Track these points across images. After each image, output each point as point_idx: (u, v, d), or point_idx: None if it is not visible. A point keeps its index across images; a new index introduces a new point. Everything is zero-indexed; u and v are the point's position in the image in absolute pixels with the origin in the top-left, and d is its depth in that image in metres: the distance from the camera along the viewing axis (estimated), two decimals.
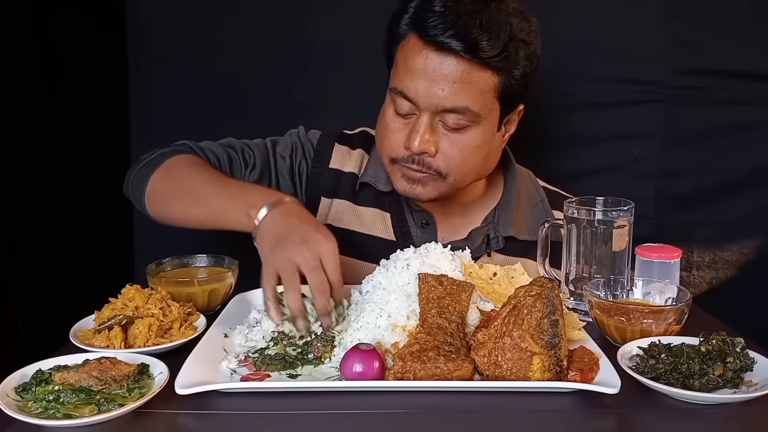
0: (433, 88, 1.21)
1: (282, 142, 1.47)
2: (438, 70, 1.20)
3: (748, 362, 0.93)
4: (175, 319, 1.09)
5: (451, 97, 1.21)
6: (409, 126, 1.27)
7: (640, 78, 1.80)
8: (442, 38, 1.17)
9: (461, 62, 1.19)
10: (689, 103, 1.80)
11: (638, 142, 1.84)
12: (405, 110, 1.26)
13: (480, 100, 1.23)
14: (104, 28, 1.91)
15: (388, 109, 1.30)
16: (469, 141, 1.27)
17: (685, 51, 1.78)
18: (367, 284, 1.12)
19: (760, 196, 1.83)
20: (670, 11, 1.77)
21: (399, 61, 1.26)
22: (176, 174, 1.30)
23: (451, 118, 1.23)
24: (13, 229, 1.67)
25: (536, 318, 0.92)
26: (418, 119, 1.25)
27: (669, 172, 1.84)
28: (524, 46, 1.23)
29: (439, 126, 1.26)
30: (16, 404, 0.85)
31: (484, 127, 1.27)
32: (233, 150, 1.41)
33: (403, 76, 1.24)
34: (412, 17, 1.23)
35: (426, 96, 1.22)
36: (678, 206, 1.85)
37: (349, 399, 0.90)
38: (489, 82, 1.22)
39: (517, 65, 1.23)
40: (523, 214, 1.45)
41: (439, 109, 1.23)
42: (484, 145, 1.29)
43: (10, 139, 1.67)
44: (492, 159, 1.37)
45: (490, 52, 1.18)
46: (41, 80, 1.78)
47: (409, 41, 1.24)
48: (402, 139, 1.28)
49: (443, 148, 1.26)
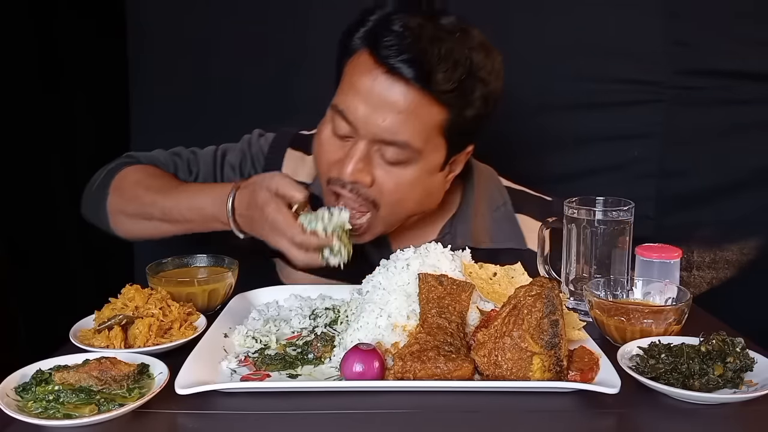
0: (375, 115, 1.11)
1: (233, 150, 1.40)
2: (384, 95, 1.10)
3: (748, 362, 0.93)
4: (175, 319, 1.09)
5: (393, 128, 1.11)
6: (344, 149, 1.17)
7: (640, 78, 1.81)
8: (394, 61, 1.08)
9: (410, 91, 1.10)
10: (689, 103, 1.80)
11: (638, 142, 1.84)
12: (343, 132, 1.17)
13: (423, 136, 1.13)
14: (104, 28, 1.92)
15: (326, 128, 1.20)
16: (406, 177, 1.17)
17: (685, 51, 1.78)
18: (367, 284, 1.12)
19: (761, 196, 1.83)
20: (670, 11, 1.77)
21: (345, 77, 1.17)
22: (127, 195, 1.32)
23: (390, 151, 1.14)
24: (13, 229, 1.67)
25: (536, 318, 0.92)
26: (355, 145, 1.15)
27: (669, 172, 1.84)
28: (482, 85, 1.14)
29: (376, 156, 1.16)
30: (16, 404, 0.85)
31: (425, 166, 1.17)
32: (179, 158, 1.40)
33: (346, 95, 1.15)
34: (368, 32, 1.14)
35: (366, 122, 1.12)
36: (678, 206, 1.85)
37: (349, 399, 0.90)
38: (437, 118, 1.13)
39: (471, 105, 1.14)
40: (483, 221, 1.36)
41: (378, 139, 1.14)
42: (421, 183, 1.19)
43: (10, 139, 1.67)
44: (433, 199, 1.26)
45: (444, 86, 1.09)
46: (41, 80, 1.78)
47: (359, 57, 1.14)
48: (336, 161, 1.18)
49: (379, 179, 1.17)
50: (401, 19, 1.11)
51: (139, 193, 1.30)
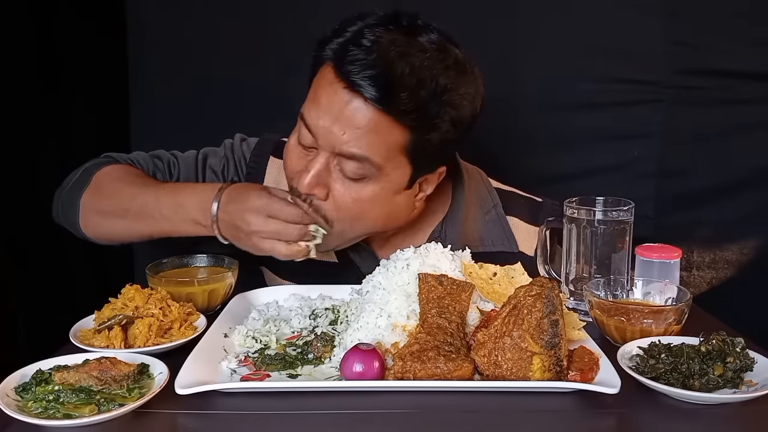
0: (335, 127, 1.09)
1: (214, 155, 1.38)
2: (343, 110, 1.08)
3: (748, 362, 0.93)
4: (175, 319, 1.09)
5: (352, 142, 1.09)
6: (306, 160, 1.16)
7: (640, 78, 1.81)
8: (355, 77, 1.05)
9: (369, 109, 1.07)
10: (689, 103, 1.80)
11: (638, 142, 1.84)
12: (307, 142, 1.15)
13: (384, 154, 1.10)
14: (104, 28, 1.92)
15: (294, 136, 1.20)
16: (367, 194, 1.14)
17: (685, 51, 1.78)
18: (367, 284, 1.12)
19: (761, 196, 1.83)
20: (670, 11, 1.77)
21: (312, 86, 1.16)
22: (106, 191, 1.26)
23: (349, 165, 1.11)
24: (13, 229, 1.67)
25: (536, 318, 0.92)
26: (316, 157, 1.13)
27: (669, 172, 1.84)
28: (451, 109, 1.10)
29: (336, 170, 1.13)
30: (16, 404, 0.85)
31: (387, 184, 1.14)
32: (159, 160, 1.36)
33: (310, 105, 1.14)
34: (339, 45, 1.11)
35: (325, 134, 1.11)
36: (678, 206, 1.85)
37: (349, 399, 0.90)
38: (398, 138, 1.10)
39: (436, 129, 1.10)
40: (474, 225, 1.33)
41: (337, 151, 1.11)
42: (382, 202, 1.16)
43: (10, 139, 1.67)
44: (399, 217, 1.22)
45: (405, 107, 1.06)
46: (41, 80, 1.78)
47: (325, 69, 1.12)
48: (297, 170, 1.17)
49: (336, 193, 1.14)
50: (374, 34, 1.08)
51: (119, 188, 1.25)
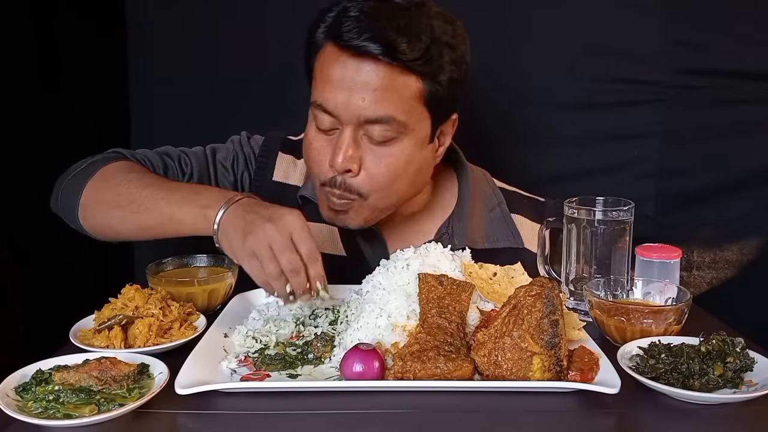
0: (353, 97, 1.13)
1: (222, 149, 1.39)
2: (356, 77, 1.12)
3: (748, 362, 0.93)
4: (175, 319, 1.09)
5: (373, 105, 1.13)
6: (332, 143, 1.18)
7: (640, 78, 1.80)
8: (357, 42, 1.10)
9: (380, 67, 1.12)
10: (689, 103, 1.80)
11: (638, 142, 1.84)
12: (326, 125, 1.18)
13: (405, 107, 1.15)
14: (104, 28, 1.92)
15: (311, 127, 1.22)
16: (397, 155, 1.18)
17: (685, 51, 1.78)
18: (367, 284, 1.12)
19: (761, 196, 1.83)
20: (670, 11, 1.77)
21: (317, 73, 1.19)
22: (114, 181, 1.21)
23: (376, 129, 1.15)
24: (13, 229, 1.67)
25: (536, 318, 0.92)
26: (341, 134, 1.16)
27: (669, 172, 1.84)
28: (449, 49, 1.16)
29: (364, 140, 1.17)
30: (16, 404, 0.85)
31: (413, 140, 1.18)
32: (169, 158, 1.35)
33: (321, 88, 1.17)
34: (329, 26, 1.16)
35: (346, 107, 1.14)
36: (678, 206, 1.85)
37: (349, 399, 0.90)
38: (413, 88, 1.14)
39: (443, 70, 1.16)
40: (480, 221, 1.37)
41: (362, 120, 1.14)
42: (413, 160, 1.20)
43: (10, 139, 1.67)
44: (423, 175, 1.27)
45: (411, 55, 1.11)
46: (41, 80, 1.78)
47: (325, 51, 1.17)
48: (326, 158, 1.19)
49: (367, 165, 1.17)
50: (356, 6, 1.13)
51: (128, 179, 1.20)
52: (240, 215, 1.06)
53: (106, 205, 1.21)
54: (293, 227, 1.02)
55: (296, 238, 1.02)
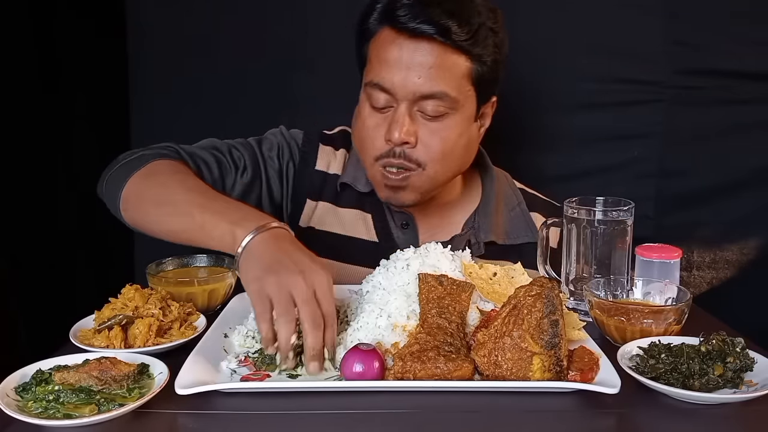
0: (410, 75, 1.22)
1: (266, 141, 1.42)
2: (413, 57, 1.22)
3: (748, 362, 0.93)
4: (175, 319, 1.09)
5: (428, 82, 1.22)
6: (387, 120, 1.27)
7: (640, 78, 1.80)
8: (413, 24, 1.20)
9: (435, 47, 1.21)
10: (689, 103, 1.80)
11: (638, 142, 1.84)
12: (381, 103, 1.27)
13: (456, 85, 1.24)
14: (104, 28, 1.91)
15: (364, 106, 1.30)
16: (449, 129, 1.27)
17: (685, 51, 1.78)
18: (367, 284, 1.12)
19: (761, 196, 1.83)
20: (670, 11, 1.77)
21: (372, 56, 1.27)
22: (158, 179, 1.21)
23: (430, 104, 1.24)
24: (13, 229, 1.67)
25: (536, 318, 0.92)
26: (396, 110, 1.25)
27: (669, 172, 1.84)
28: (492, 34, 1.25)
29: (418, 115, 1.26)
30: (16, 404, 0.85)
31: (462, 115, 1.28)
32: (220, 153, 1.35)
33: (378, 69, 1.25)
34: (382, 12, 1.25)
35: (403, 85, 1.23)
36: (678, 206, 1.85)
37: (349, 399, 0.90)
38: (462, 67, 1.24)
39: (488, 51, 1.25)
40: (501, 218, 1.45)
41: (417, 96, 1.23)
42: (463, 133, 1.29)
43: (10, 140, 1.67)
44: (471, 151, 1.37)
45: (462, 36, 1.20)
46: (41, 80, 1.78)
47: (380, 35, 1.25)
48: (381, 133, 1.27)
49: (423, 137, 1.26)
50: None
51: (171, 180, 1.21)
52: (270, 249, 1.01)
53: (145, 201, 1.20)
54: (320, 283, 0.97)
55: (320, 295, 0.97)
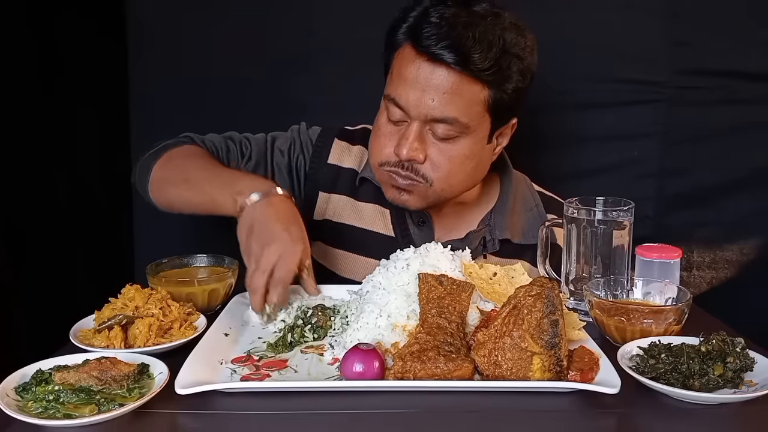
0: (424, 97, 1.23)
1: (282, 137, 1.49)
2: (429, 80, 1.22)
3: (748, 362, 0.93)
4: (175, 319, 1.09)
5: (441, 107, 1.23)
6: (399, 133, 1.29)
7: (640, 78, 1.80)
8: (434, 49, 1.20)
9: (452, 74, 1.21)
10: (689, 103, 1.80)
11: (638, 142, 1.84)
12: (397, 117, 1.29)
13: (469, 112, 1.25)
14: (104, 28, 1.91)
15: (382, 116, 1.33)
16: (458, 151, 1.28)
17: (685, 51, 1.78)
18: (367, 284, 1.12)
19: (761, 196, 1.83)
20: (671, 11, 1.77)
21: (394, 69, 1.29)
22: (175, 163, 1.36)
23: (440, 128, 1.26)
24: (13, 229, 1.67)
25: (536, 318, 0.92)
26: (409, 127, 1.27)
27: (669, 172, 1.84)
28: (518, 60, 1.24)
29: (429, 135, 1.28)
30: (16, 404, 0.85)
31: (473, 139, 1.29)
32: (232, 141, 1.46)
33: (396, 84, 1.27)
34: (409, 27, 1.25)
35: (416, 105, 1.24)
36: (678, 206, 1.85)
37: (349, 399, 0.90)
38: (479, 95, 1.24)
39: (509, 80, 1.25)
40: (518, 218, 1.47)
41: (429, 118, 1.25)
42: (472, 156, 1.31)
43: (10, 140, 1.67)
44: (480, 170, 1.38)
45: (482, 65, 1.20)
46: (41, 80, 1.78)
47: (404, 50, 1.26)
48: (392, 145, 1.30)
49: (432, 156, 1.28)
50: (437, 11, 1.22)
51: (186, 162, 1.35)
52: (257, 215, 1.15)
53: (167, 182, 1.35)
54: (284, 255, 1.11)
55: (278, 265, 1.11)
